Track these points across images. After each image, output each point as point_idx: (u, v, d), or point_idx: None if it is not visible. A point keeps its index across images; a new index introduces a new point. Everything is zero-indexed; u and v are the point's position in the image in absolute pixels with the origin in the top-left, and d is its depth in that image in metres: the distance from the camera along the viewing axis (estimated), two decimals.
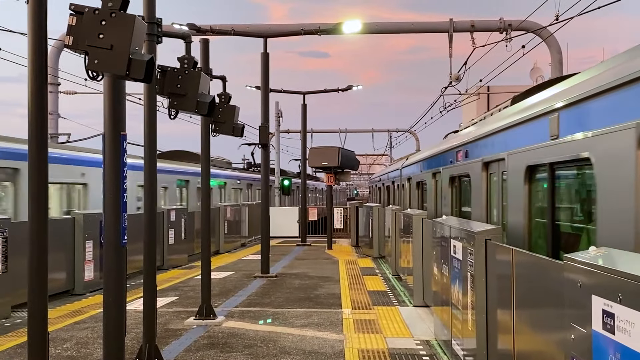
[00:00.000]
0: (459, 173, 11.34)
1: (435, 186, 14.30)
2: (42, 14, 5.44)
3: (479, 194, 9.65)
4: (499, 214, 8.89)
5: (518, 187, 7.49)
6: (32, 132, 5.44)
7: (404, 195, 21.30)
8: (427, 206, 15.33)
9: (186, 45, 9.74)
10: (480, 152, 9.64)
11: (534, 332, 5.32)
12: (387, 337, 9.97)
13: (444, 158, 12.89)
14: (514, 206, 7.68)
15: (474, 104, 30.39)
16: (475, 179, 9.90)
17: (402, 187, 21.81)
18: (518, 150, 7.53)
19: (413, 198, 18.40)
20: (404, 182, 21.11)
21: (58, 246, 13.34)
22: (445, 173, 12.64)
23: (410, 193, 19.07)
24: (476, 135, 9.93)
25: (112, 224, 6.49)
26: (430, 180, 14.72)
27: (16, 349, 9.24)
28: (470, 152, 10.43)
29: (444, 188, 12.73)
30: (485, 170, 9.43)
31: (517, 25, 20.63)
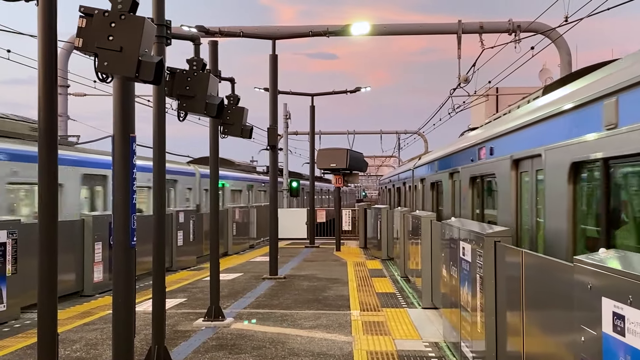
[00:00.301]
0: (481, 172, 10.33)
1: (453, 187, 13.25)
2: (52, 16, 5.45)
3: (507, 196, 8.60)
4: (531, 219, 7.82)
5: (559, 187, 6.51)
6: (42, 134, 5.46)
7: (416, 197, 20.32)
8: (442, 209, 14.28)
9: (195, 47, 9.75)
10: (508, 149, 8.63)
11: (543, 334, 5.30)
12: (395, 339, 9.95)
13: (464, 156, 11.78)
14: (554, 210, 6.70)
15: (483, 106, 30.35)
16: (502, 178, 8.89)
17: (415, 189, 20.85)
18: (560, 145, 6.51)
19: (427, 200, 17.33)
20: (417, 183, 20.13)
21: (68, 248, 13.38)
22: (464, 173, 11.61)
23: (424, 195, 18.05)
24: (503, 130, 8.86)
25: (121, 225, 6.49)
26: (447, 180, 13.64)
27: (25, 350, 9.27)
28: (496, 149, 9.39)
29: (463, 189, 11.73)
30: (515, 168, 8.40)
31: (526, 27, 20.59)
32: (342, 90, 29.21)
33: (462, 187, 11.87)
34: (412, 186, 21.68)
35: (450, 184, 13.44)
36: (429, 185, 16.90)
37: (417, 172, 20.23)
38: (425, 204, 17.55)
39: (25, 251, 11.42)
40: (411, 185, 21.85)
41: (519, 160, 8.24)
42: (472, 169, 10.99)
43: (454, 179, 13.01)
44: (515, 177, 8.42)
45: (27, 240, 11.41)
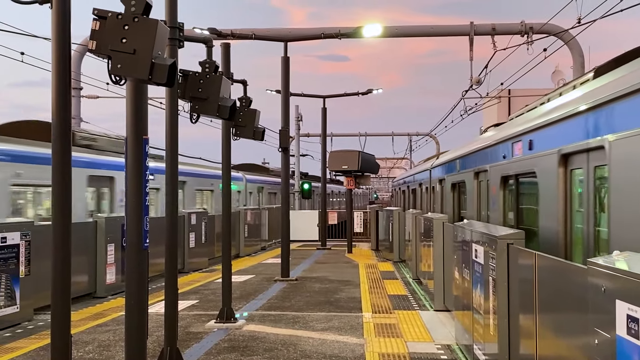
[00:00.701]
0: (516, 171, 9.01)
1: (478, 188, 11.97)
2: (66, 19, 5.48)
3: (551, 198, 7.30)
4: (587, 227, 6.59)
5: (633, 187, 5.34)
6: (56, 136, 5.49)
7: (434, 199, 18.90)
8: (466, 212, 12.90)
9: (207, 49, 9.78)
10: (554, 141, 7.36)
11: (556, 337, 5.28)
12: (407, 341, 9.94)
13: (493, 153, 10.47)
14: (623, 216, 5.50)
15: (495, 108, 30.25)
16: (545, 177, 7.61)
17: (432, 190, 19.49)
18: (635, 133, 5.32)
19: (447, 203, 15.94)
20: (435, 184, 18.70)
21: (80, 249, 13.43)
22: (494, 172, 10.32)
23: (443, 197, 16.65)
24: (549, 119, 7.51)
25: (134, 227, 6.52)
26: (472, 181, 12.26)
27: (39, 352, 9.32)
28: (537, 142, 8.07)
29: (491, 191, 10.52)
30: (564, 165, 7.15)
31: (538, 29, 20.52)
32: (353, 92, 29.22)
33: (490, 188, 10.65)
34: (429, 187, 20.32)
35: (475, 184, 12.12)
36: (449, 187, 15.57)
37: (435, 172, 18.82)
38: (445, 207, 16.17)
39: (39, 253, 11.47)
40: (428, 186, 20.52)
41: (570, 155, 6.98)
42: (504, 167, 9.70)
43: (480, 179, 11.76)
44: (564, 175, 7.18)
45: (41, 241, 11.46)
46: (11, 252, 10.97)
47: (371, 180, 50.96)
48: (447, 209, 15.58)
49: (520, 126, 8.92)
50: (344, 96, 29.34)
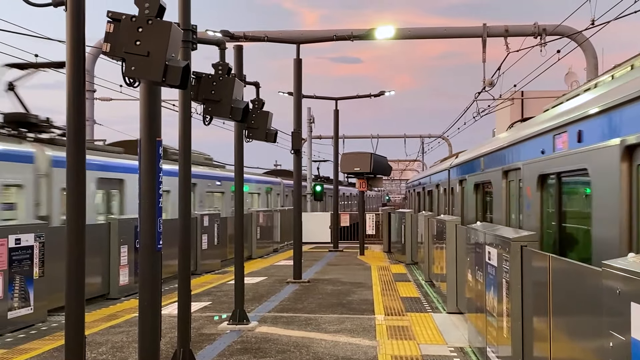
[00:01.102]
0: (560, 168, 7.59)
1: (508, 189, 10.60)
2: (80, 21, 5.51)
3: (612, 200, 5.98)
4: None
5: None
6: (70, 138, 5.52)
7: (453, 201, 17.30)
8: (492, 216, 11.47)
9: (220, 51, 9.80)
10: (614, 131, 6.11)
11: (571, 340, 5.25)
12: (420, 343, 9.92)
13: (528, 148, 9.13)
14: None
15: (508, 110, 30.19)
16: (601, 176, 6.28)
17: (451, 192, 17.70)
18: None
19: (468, 205, 14.42)
20: (454, 185, 17.00)
21: (94, 251, 13.49)
22: (529, 170, 8.89)
23: (465, 199, 15.08)
24: (605, 104, 6.20)
25: (147, 228, 6.54)
26: (500, 181, 10.80)
27: (52, 353, 9.36)
28: (588, 133, 6.78)
29: (525, 192, 9.10)
30: (628, 159, 5.86)
31: (551, 30, 20.45)
32: (366, 94, 29.19)
33: (523, 189, 9.31)
34: (447, 189, 18.55)
35: (503, 185, 10.80)
36: (471, 188, 14.09)
37: (454, 172, 17.13)
38: (466, 210, 14.65)
39: (53, 254, 11.53)
40: (446, 187, 18.76)
41: (637, 148, 5.73)
42: (543, 165, 8.33)
43: (510, 178, 10.44)
44: (628, 172, 5.97)
45: (54, 243, 11.52)
46: (25, 253, 11.03)
47: (383, 183, 50.98)
48: (469, 212, 14.16)
49: (565, 115, 7.46)
50: (356, 98, 29.29)
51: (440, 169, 20.88)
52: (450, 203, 17.65)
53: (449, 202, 17.90)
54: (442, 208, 19.62)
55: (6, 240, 10.60)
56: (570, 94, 9.10)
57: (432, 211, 21.78)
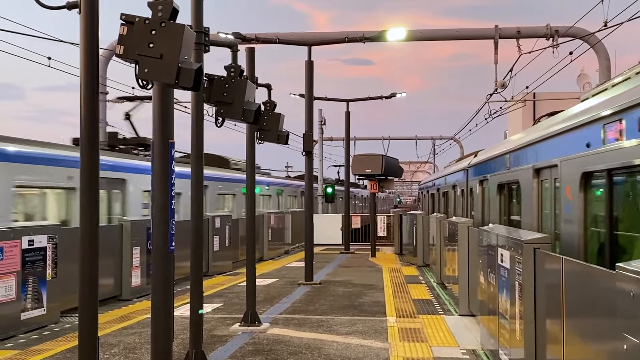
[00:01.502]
0: (613, 164, 6.37)
1: (540, 190, 9.37)
2: (94, 24, 5.55)
3: None
4: None
5: None
6: (83, 140, 5.55)
7: (472, 203, 16.00)
8: (522, 221, 10.37)
9: (233, 53, 9.83)
10: None
11: (584, 342, 5.23)
12: (432, 346, 9.90)
13: (567, 142, 7.85)
14: None
15: (520, 112, 30.07)
16: None
17: (470, 193, 16.59)
18: None
19: (491, 208, 13.14)
20: (473, 186, 15.85)
21: (106, 252, 13.54)
22: (569, 167, 7.65)
23: (486, 200, 13.83)
24: None
25: (160, 230, 6.57)
26: (530, 180, 9.62)
27: (65, 354, 9.40)
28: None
29: (564, 194, 7.86)
30: None
31: (564, 32, 20.40)
32: (377, 96, 29.15)
33: (561, 189, 8.06)
34: (465, 190, 17.34)
35: (535, 184, 9.52)
36: (494, 188, 12.83)
37: (473, 171, 15.90)
38: (488, 213, 13.48)
39: (65, 255, 11.58)
40: (464, 189, 17.52)
41: None
42: (588, 160, 7.10)
43: (543, 177, 9.18)
44: None
45: (67, 244, 11.58)
46: (38, 254, 11.09)
47: (395, 184, 50.86)
48: (491, 215, 12.97)
49: (622, 99, 6.31)
50: (368, 100, 29.29)
51: (456, 169, 19.76)
52: (469, 205, 16.56)
53: (468, 204, 16.78)
54: (459, 211, 18.53)
55: (19, 241, 10.65)
56: (615, 80, 7.94)
57: (448, 214, 20.71)
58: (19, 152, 13.38)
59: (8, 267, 10.39)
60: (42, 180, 13.94)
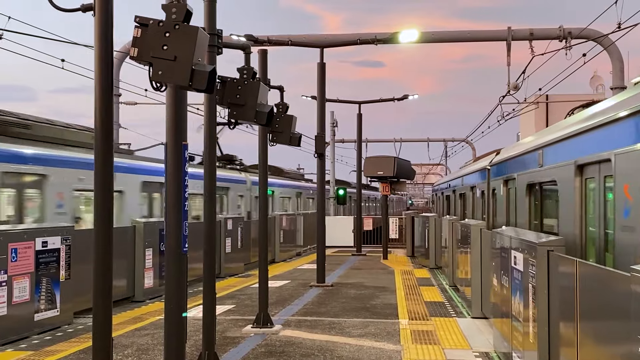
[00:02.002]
0: None
1: (584, 190, 8.09)
2: (109, 26, 5.57)
3: None
4: None
5: None
6: (98, 142, 5.57)
7: (496, 206, 14.43)
8: (560, 227, 8.90)
9: (245, 56, 9.85)
10: None
11: (598, 345, 5.21)
12: (445, 348, 9.88)
13: (623, 132, 6.60)
14: None
15: (532, 114, 30.01)
16: None
17: (492, 195, 14.96)
18: None
19: (519, 211, 11.56)
20: (496, 186, 14.16)
21: (119, 254, 13.58)
22: (628, 163, 6.38)
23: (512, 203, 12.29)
24: None
25: (173, 231, 6.58)
26: (571, 179, 8.28)
27: (79, 355, 9.43)
28: None
29: (621, 194, 6.49)
30: None
31: (577, 34, 20.33)
32: (389, 98, 29.13)
33: (616, 189, 6.63)
34: (486, 191, 15.50)
35: (577, 184, 8.16)
36: (522, 189, 11.28)
37: (496, 170, 14.23)
38: (516, 216, 11.87)
39: (79, 257, 11.63)
40: (485, 190, 15.67)
41: None
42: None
43: (588, 174, 7.89)
44: None
45: (81, 246, 11.64)
46: (52, 256, 11.14)
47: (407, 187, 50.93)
48: (519, 219, 11.52)
49: None
50: (380, 102, 29.26)
51: (475, 169, 17.98)
52: (491, 208, 14.97)
53: (489, 206, 15.16)
54: (479, 214, 16.83)
55: (33, 242, 10.71)
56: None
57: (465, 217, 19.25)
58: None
59: (22, 269, 10.45)
60: None
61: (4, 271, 10.06)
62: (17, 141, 13.20)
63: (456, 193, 23.44)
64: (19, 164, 12.95)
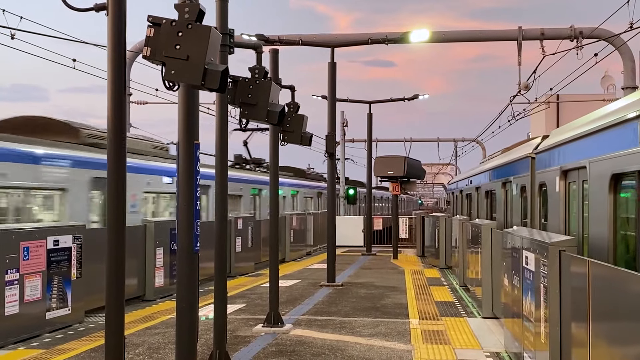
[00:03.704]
0: None
1: None
2: (121, 26, 5.59)
3: None
4: None
5: None
6: (111, 142, 5.59)
7: (548, 207, 10.63)
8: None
9: (257, 55, 9.86)
10: None
11: (611, 346, 5.20)
12: (456, 348, 9.86)
13: None
14: None
15: (543, 114, 29.89)
16: None
17: (540, 193, 11.23)
18: None
19: (593, 215, 7.97)
20: (549, 181, 10.39)
21: (130, 253, 13.60)
22: None
23: (577, 203, 8.96)
24: None
25: (185, 230, 6.60)
26: None
27: (90, 353, 9.47)
28: None
29: None
30: None
31: (588, 33, 20.23)
32: (399, 98, 29.09)
33: None
34: (530, 187, 11.91)
35: None
36: (601, 183, 7.64)
37: (548, 159, 10.64)
38: (590, 223, 8.14)
39: (90, 256, 11.68)
40: (528, 184, 12.05)
41: None
42: None
43: None
44: None
45: (92, 245, 11.68)
46: (63, 255, 11.19)
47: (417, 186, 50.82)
48: (593, 227, 7.97)
49: None
50: (390, 101, 29.20)
51: (511, 159, 14.21)
52: (538, 209, 11.34)
53: (536, 207, 11.48)
54: (517, 218, 13.32)
55: (45, 241, 10.75)
56: None
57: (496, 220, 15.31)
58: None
59: (33, 267, 10.49)
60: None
61: (15, 269, 10.11)
62: (99, 151, 14.02)
63: (480, 191, 19.76)
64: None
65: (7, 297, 9.94)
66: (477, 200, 20.60)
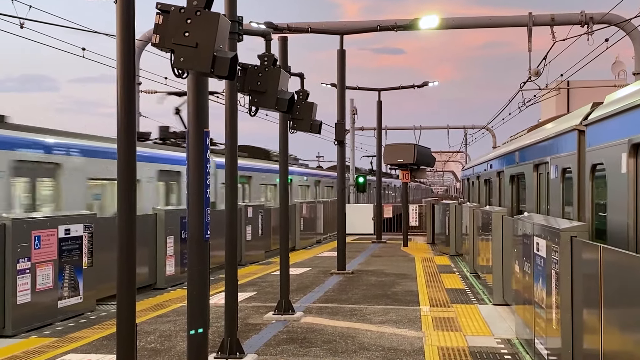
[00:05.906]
0: None
1: None
2: (130, 14, 5.57)
3: None
4: None
5: None
6: (120, 131, 5.59)
7: (611, 197, 7.45)
8: None
9: (266, 43, 9.84)
10: None
11: (623, 332, 5.17)
12: (467, 335, 9.86)
13: None
14: None
15: (553, 100, 29.77)
16: None
17: (592, 175, 8.31)
18: None
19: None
20: (607, 160, 7.56)
21: (141, 242, 13.65)
22: None
23: (634, 190, 6.73)
24: None
25: (195, 218, 6.61)
26: None
27: (102, 341, 9.51)
28: None
29: None
30: None
31: (599, 19, 20.11)
32: (409, 85, 29.02)
33: None
34: (576, 169, 9.05)
35: None
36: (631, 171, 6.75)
37: (598, 135, 8.08)
38: None
39: (101, 244, 11.72)
40: (572, 166, 9.23)
41: None
42: None
43: None
44: None
45: (103, 233, 11.72)
46: (74, 243, 11.23)
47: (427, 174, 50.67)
48: None
49: None
50: (400, 89, 29.14)
51: (547, 136, 11.21)
52: (590, 200, 8.46)
53: (585, 197, 8.65)
54: (557, 207, 10.28)
55: (56, 230, 10.80)
56: None
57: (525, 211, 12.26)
58: None
59: (45, 256, 10.54)
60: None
61: (27, 258, 10.16)
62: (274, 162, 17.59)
63: (503, 176, 16.67)
64: None
65: (19, 286, 10.00)
66: (498, 187, 17.57)
